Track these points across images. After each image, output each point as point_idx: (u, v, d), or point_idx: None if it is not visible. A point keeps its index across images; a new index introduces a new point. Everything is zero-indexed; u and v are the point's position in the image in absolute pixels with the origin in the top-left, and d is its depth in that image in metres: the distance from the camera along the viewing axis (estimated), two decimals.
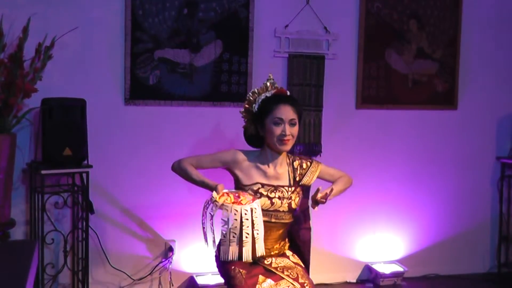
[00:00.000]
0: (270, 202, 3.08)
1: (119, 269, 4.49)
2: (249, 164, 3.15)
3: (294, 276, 3.05)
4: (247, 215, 2.85)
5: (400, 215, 5.09)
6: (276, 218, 3.10)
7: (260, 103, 3.16)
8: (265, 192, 3.09)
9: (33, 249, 2.04)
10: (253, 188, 3.09)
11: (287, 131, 3.07)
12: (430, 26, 5.02)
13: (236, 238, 2.86)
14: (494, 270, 5.31)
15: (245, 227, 2.85)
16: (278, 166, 3.17)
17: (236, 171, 3.16)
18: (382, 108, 4.97)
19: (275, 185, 3.13)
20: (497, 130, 5.30)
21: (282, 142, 3.08)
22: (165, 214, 4.58)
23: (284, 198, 3.11)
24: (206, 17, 4.52)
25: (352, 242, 5.02)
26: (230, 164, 3.17)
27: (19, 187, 4.24)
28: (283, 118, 3.08)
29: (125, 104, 4.44)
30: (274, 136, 3.08)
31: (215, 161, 3.21)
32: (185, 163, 3.21)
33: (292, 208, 3.14)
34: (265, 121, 3.11)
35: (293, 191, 3.15)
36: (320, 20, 4.75)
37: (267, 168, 3.15)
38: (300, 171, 3.20)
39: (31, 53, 3.93)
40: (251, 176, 3.13)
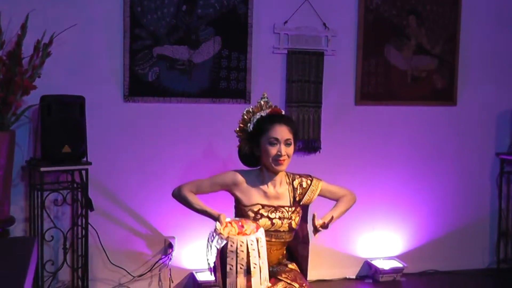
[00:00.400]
0: (271, 222, 3.07)
1: (119, 265, 4.49)
2: (248, 185, 3.13)
3: (291, 278, 3.07)
4: (253, 245, 2.83)
5: (400, 211, 5.10)
6: (276, 238, 3.10)
7: (255, 122, 3.13)
8: (266, 213, 3.08)
9: (33, 246, 2.04)
10: (254, 209, 3.08)
11: (283, 151, 3.05)
12: (429, 22, 5.01)
13: (243, 269, 2.83)
14: (493, 265, 5.31)
15: (252, 258, 2.82)
16: (278, 185, 3.15)
17: (236, 193, 3.15)
18: (381, 104, 4.97)
19: (275, 205, 3.11)
20: (496, 126, 5.30)
21: (278, 162, 3.06)
22: (164, 211, 4.58)
23: (284, 218, 3.10)
24: (204, 14, 4.52)
25: (351, 238, 5.02)
26: (230, 186, 3.15)
27: (18, 184, 4.24)
28: (278, 138, 3.06)
29: (124, 101, 4.44)
30: (269, 156, 3.06)
31: (215, 185, 3.19)
32: (185, 190, 3.19)
33: (292, 227, 3.13)
34: (260, 141, 3.09)
35: (294, 211, 3.14)
36: (319, 16, 4.74)
37: (266, 188, 3.13)
38: (300, 190, 3.18)
39: (29, 50, 3.93)
40: (251, 197, 3.11)
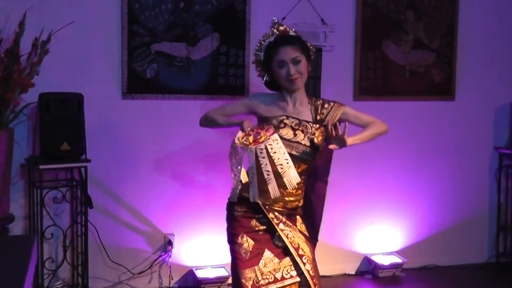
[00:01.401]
0: (293, 133, 3.09)
1: (119, 263, 4.49)
2: (269, 103, 3.20)
3: (295, 246, 3.04)
4: (262, 153, 2.86)
5: (399, 206, 5.10)
6: (297, 150, 3.07)
7: (264, 50, 3.22)
8: (289, 123, 3.11)
9: (32, 244, 2.04)
10: (278, 119, 3.11)
11: (292, 71, 3.10)
12: (427, 16, 5.01)
13: (254, 178, 2.90)
14: (493, 260, 5.32)
15: (263, 165, 2.86)
16: (298, 104, 3.19)
17: (259, 111, 3.20)
18: (379, 99, 4.97)
19: (300, 118, 3.14)
20: (495, 120, 5.31)
21: (291, 82, 3.12)
22: (164, 208, 4.58)
23: (307, 133, 3.11)
24: (202, 10, 4.51)
25: (351, 234, 5.02)
26: (254, 105, 3.22)
27: (17, 182, 4.24)
28: (284, 60, 3.11)
29: (123, 98, 4.43)
30: (282, 78, 3.13)
31: (239, 106, 3.28)
32: (210, 113, 3.29)
33: (314, 143, 3.11)
34: (271, 67, 3.17)
35: (317, 128, 3.14)
36: (317, 12, 4.74)
37: (287, 105, 3.18)
38: (322, 111, 3.20)
39: (27, 48, 3.93)
40: (274, 112, 3.16)
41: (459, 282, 4.91)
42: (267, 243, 3.07)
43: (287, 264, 3.04)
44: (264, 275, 2.99)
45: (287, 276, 3.01)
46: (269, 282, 2.98)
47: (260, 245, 3.05)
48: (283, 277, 3.01)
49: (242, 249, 3.04)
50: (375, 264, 4.96)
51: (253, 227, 3.08)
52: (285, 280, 3.01)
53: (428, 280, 4.94)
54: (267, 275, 2.99)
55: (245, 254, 3.03)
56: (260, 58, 3.24)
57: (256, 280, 2.98)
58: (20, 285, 1.71)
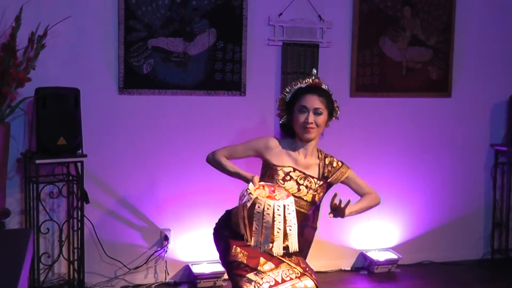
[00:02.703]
0: (297, 188, 3.12)
1: (115, 258, 4.49)
2: (281, 150, 3.21)
3: (295, 262, 3.08)
4: (279, 210, 2.85)
5: (394, 202, 5.11)
6: (298, 205, 3.10)
7: (293, 92, 3.25)
8: (295, 177, 3.13)
9: (28, 239, 2.04)
10: (285, 170, 3.13)
11: (310, 119, 3.14)
12: (424, 12, 5.01)
13: (267, 232, 2.87)
14: (488, 256, 5.34)
15: (276, 222, 2.85)
16: (309, 156, 3.23)
17: (267, 156, 3.20)
18: (376, 96, 4.98)
19: (306, 173, 3.17)
20: (491, 117, 5.32)
21: (306, 130, 3.15)
22: (160, 203, 4.58)
23: (310, 189, 3.16)
24: (199, 5, 4.50)
25: (346, 230, 5.03)
26: (262, 151, 3.22)
27: (13, 177, 4.23)
28: (307, 106, 3.15)
29: (119, 93, 4.43)
30: (298, 123, 3.16)
31: (248, 150, 3.26)
32: (219, 155, 3.25)
33: (315, 200, 3.18)
34: (293, 110, 3.20)
35: (321, 185, 3.21)
36: (314, 8, 4.74)
37: (297, 155, 3.20)
38: (329, 168, 3.26)
39: (24, 42, 3.92)
40: (283, 160, 3.17)
41: (454, 278, 4.92)
42: (260, 253, 3.05)
43: (285, 268, 3.05)
44: (264, 279, 2.98)
45: (287, 279, 3.01)
46: (270, 285, 2.97)
47: (254, 255, 3.05)
48: (283, 280, 3.01)
49: (237, 257, 3.06)
50: (371, 260, 4.97)
51: (244, 242, 3.05)
52: (286, 283, 3.01)
53: (423, 276, 4.95)
54: (267, 278, 2.99)
55: (241, 261, 3.05)
56: (286, 98, 3.26)
57: (257, 284, 2.97)
58: (16, 279, 1.71)
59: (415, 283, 4.82)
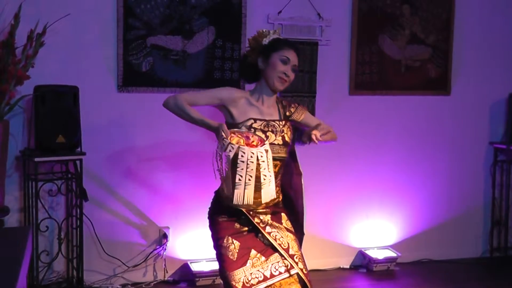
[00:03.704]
0: (265, 136, 3.08)
1: (114, 256, 4.49)
2: (244, 101, 3.16)
3: (285, 246, 3.03)
4: (263, 157, 2.82)
5: (393, 200, 5.11)
6: (273, 152, 3.05)
7: (272, 39, 3.19)
8: (258, 127, 3.09)
9: (27, 237, 2.04)
10: (247, 124, 3.08)
11: (289, 72, 3.13)
12: (423, 11, 5.01)
13: (252, 181, 2.81)
14: (487, 254, 5.35)
15: (262, 169, 2.81)
16: (271, 104, 3.21)
17: (231, 108, 3.14)
18: (375, 94, 4.98)
19: (267, 119, 3.13)
20: (490, 115, 5.32)
21: (281, 81, 3.13)
22: (159, 201, 4.58)
23: (277, 132, 3.12)
24: (198, 3, 4.50)
25: (345, 228, 5.03)
26: (227, 101, 3.14)
27: (12, 175, 4.23)
28: (290, 59, 3.13)
29: (118, 91, 4.42)
30: (276, 71, 3.12)
31: (212, 98, 3.16)
32: (181, 100, 3.14)
33: (286, 141, 3.14)
34: (271, 55, 3.13)
35: (284, 124, 3.17)
36: (313, 6, 4.74)
37: (261, 105, 3.17)
38: (289, 108, 3.25)
39: (23, 40, 3.91)
40: (246, 112, 3.13)
41: (453, 276, 4.92)
42: (252, 242, 3.04)
43: (274, 261, 3.02)
44: (253, 274, 2.97)
45: (276, 273, 3.00)
46: (259, 281, 2.96)
47: (246, 245, 3.03)
48: (272, 275, 3.00)
49: (228, 251, 3.02)
50: (370, 258, 4.97)
51: (237, 229, 3.05)
52: (274, 278, 2.99)
53: (422, 274, 4.95)
54: (256, 274, 2.98)
55: (232, 256, 3.00)
56: (263, 42, 3.19)
57: (246, 281, 2.96)
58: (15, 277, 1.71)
59: (414, 281, 4.82)
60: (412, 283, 4.79)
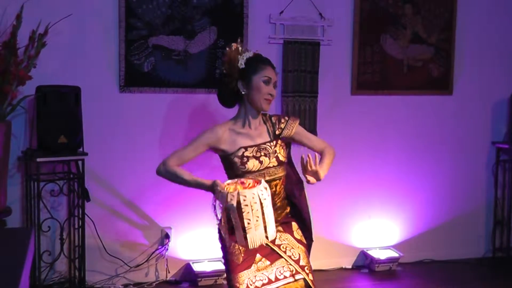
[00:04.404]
0: (259, 161, 3.07)
1: (116, 256, 4.49)
2: (229, 133, 3.12)
3: (295, 258, 3.05)
4: (263, 195, 2.79)
5: (395, 200, 5.11)
6: (269, 175, 3.08)
7: (246, 60, 3.12)
8: (250, 154, 3.08)
9: (30, 237, 2.04)
10: (238, 154, 3.07)
11: (273, 91, 3.12)
12: (425, 10, 5.01)
13: (259, 221, 2.77)
14: (489, 254, 5.34)
15: (265, 207, 2.77)
16: (258, 125, 3.18)
17: (221, 146, 3.11)
18: (377, 94, 4.97)
19: (258, 143, 3.11)
20: (492, 115, 5.31)
21: (267, 101, 3.11)
22: (161, 201, 4.58)
23: (270, 154, 3.10)
24: (200, 3, 4.50)
25: (347, 228, 5.03)
26: (215, 143, 3.11)
27: (14, 175, 4.23)
28: (271, 78, 3.11)
29: (120, 91, 4.43)
30: (261, 93, 3.08)
31: (199, 147, 3.14)
32: (170, 165, 3.16)
33: (280, 161, 3.12)
34: (251, 78, 3.09)
35: (276, 144, 3.15)
36: (315, 6, 4.73)
37: (249, 129, 3.14)
38: (279, 125, 3.20)
39: (25, 41, 3.91)
40: (235, 143, 3.10)
41: (455, 276, 4.92)
42: (258, 248, 3.00)
43: (279, 265, 3.02)
44: (258, 277, 2.98)
45: (281, 277, 3.00)
46: (263, 283, 2.97)
47: (252, 251, 3.01)
48: (277, 278, 3.00)
49: (234, 256, 3.03)
50: (372, 258, 4.96)
51: None
52: (279, 281, 3.00)
53: (424, 274, 4.95)
54: (261, 276, 2.99)
55: (237, 260, 3.02)
56: (239, 66, 3.10)
57: (250, 283, 2.96)
58: (17, 277, 1.71)
59: (416, 281, 4.82)
60: (414, 283, 4.79)
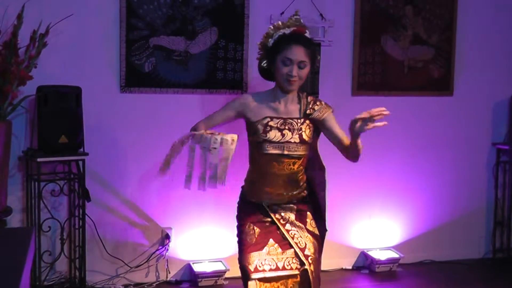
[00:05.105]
0: (281, 134, 3.07)
1: (116, 256, 4.49)
2: (258, 103, 3.14)
3: (302, 246, 3.08)
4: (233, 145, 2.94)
5: (396, 201, 5.11)
6: (288, 150, 3.07)
7: (276, 39, 3.11)
8: (275, 125, 3.08)
9: (30, 237, 2.04)
10: (263, 122, 3.08)
11: (294, 72, 3.04)
12: (426, 11, 5.01)
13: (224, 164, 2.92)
14: (489, 255, 5.34)
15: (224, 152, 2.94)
16: (289, 103, 3.15)
17: (247, 114, 3.15)
18: (377, 94, 4.97)
19: (284, 117, 3.11)
20: (493, 116, 5.31)
21: (289, 82, 3.06)
22: (161, 202, 4.58)
23: (294, 130, 3.09)
24: (201, 4, 4.50)
25: (347, 228, 5.03)
26: (242, 109, 3.16)
27: (15, 175, 4.23)
28: (292, 59, 3.04)
29: (121, 92, 4.43)
30: (280, 74, 3.07)
31: (227, 112, 3.20)
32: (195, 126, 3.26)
33: (303, 139, 3.10)
34: (275, 58, 3.08)
35: (303, 122, 3.12)
36: (316, 7, 4.73)
37: (278, 104, 3.14)
38: (313, 105, 3.16)
39: (25, 41, 3.91)
40: (262, 113, 3.12)
41: (455, 277, 4.92)
42: (272, 233, 3.10)
43: (290, 256, 3.06)
44: (267, 261, 3.03)
45: (288, 267, 3.05)
46: (271, 268, 3.02)
47: (266, 234, 3.09)
48: (284, 267, 3.04)
49: (248, 236, 3.09)
50: (372, 259, 4.96)
51: (260, 218, 3.13)
52: (286, 271, 3.04)
53: (424, 275, 4.95)
54: (270, 261, 3.04)
55: (250, 240, 3.08)
56: (268, 44, 3.14)
57: (259, 265, 3.02)
58: (18, 277, 1.71)
59: (416, 282, 4.82)
60: (415, 284, 4.79)
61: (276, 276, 3.02)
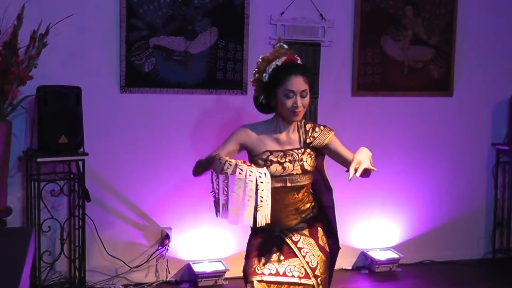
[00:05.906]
0: (282, 167, 3.04)
1: (116, 256, 4.49)
2: (259, 135, 3.09)
3: (313, 266, 3.06)
4: (261, 178, 2.72)
5: (396, 201, 5.11)
6: (291, 182, 3.05)
7: (270, 72, 3.06)
8: (275, 159, 3.05)
9: (30, 237, 2.04)
10: (262, 157, 3.04)
11: (299, 103, 3.00)
12: (425, 11, 5.01)
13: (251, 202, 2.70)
14: (489, 256, 5.34)
15: (260, 191, 2.70)
16: (291, 132, 3.12)
17: (249, 146, 3.10)
18: (377, 95, 4.97)
19: (284, 149, 3.07)
20: (493, 116, 5.31)
21: (294, 113, 3.02)
22: (161, 202, 4.58)
23: (295, 161, 3.06)
24: (201, 4, 4.50)
25: (347, 228, 5.02)
26: (245, 140, 3.09)
27: (15, 175, 4.23)
28: (294, 90, 3.00)
29: (121, 92, 4.43)
30: (286, 107, 3.02)
31: (229, 145, 3.09)
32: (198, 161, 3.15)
33: (305, 169, 3.08)
34: (276, 91, 3.04)
35: (303, 152, 3.09)
36: (316, 7, 4.74)
37: (279, 135, 3.10)
38: (312, 133, 3.14)
39: (26, 41, 3.92)
40: (262, 145, 3.07)
41: (455, 277, 4.92)
42: (277, 243, 3.07)
43: (292, 263, 3.04)
44: (267, 266, 3.01)
45: (289, 274, 3.02)
46: (270, 273, 3.00)
47: (271, 243, 3.07)
48: (285, 274, 3.02)
49: (251, 246, 3.10)
50: (372, 259, 4.97)
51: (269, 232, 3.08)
52: (286, 277, 3.01)
53: (424, 275, 4.95)
54: (270, 266, 3.02)
55: (253, 248, 3.09)
56: (263, 79, 3.08)
57: (258, 268, 3.00)
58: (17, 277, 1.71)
59: (416, 282, 4.82)
60: (414, 285, 4.79)
61: (275, 281, 3.00)
